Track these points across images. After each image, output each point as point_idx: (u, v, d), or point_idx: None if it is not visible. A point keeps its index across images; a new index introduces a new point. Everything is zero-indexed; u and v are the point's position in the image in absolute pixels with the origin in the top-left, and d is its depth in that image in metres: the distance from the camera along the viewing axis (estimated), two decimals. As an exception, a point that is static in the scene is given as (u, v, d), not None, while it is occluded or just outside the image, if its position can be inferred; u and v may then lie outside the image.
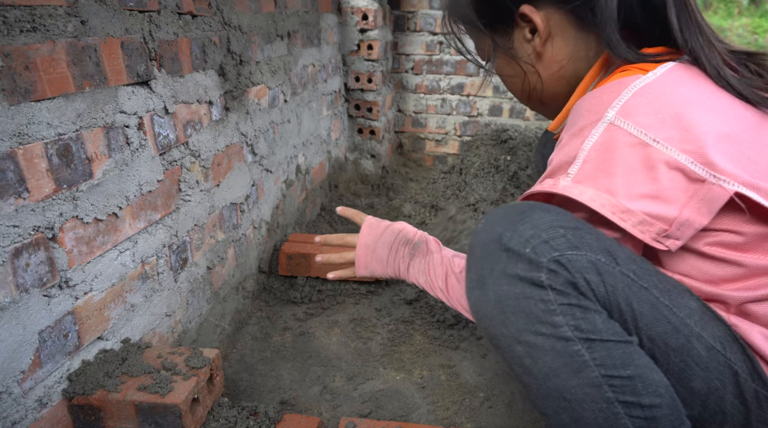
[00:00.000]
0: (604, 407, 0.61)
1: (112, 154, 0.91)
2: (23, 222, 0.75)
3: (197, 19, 1.17)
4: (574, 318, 0.62)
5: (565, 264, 0.62)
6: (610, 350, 0.61)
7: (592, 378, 0.61)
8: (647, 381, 0.61)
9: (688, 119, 0.63)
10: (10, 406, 0.74)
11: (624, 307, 0.63)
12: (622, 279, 0.63)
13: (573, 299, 0.62)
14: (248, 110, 1.43)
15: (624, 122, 0.64)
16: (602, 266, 0.62)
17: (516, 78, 0.87)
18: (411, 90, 2.82)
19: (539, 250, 0.62)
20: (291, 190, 1.81)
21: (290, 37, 1.72)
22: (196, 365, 0.93)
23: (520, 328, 0.63)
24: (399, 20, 2.68)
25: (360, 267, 1.02)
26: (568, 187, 0.66)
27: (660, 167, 0.62)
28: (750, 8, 6.86)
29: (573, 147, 0.67)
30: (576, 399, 0.62)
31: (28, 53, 0.73)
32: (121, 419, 0.86)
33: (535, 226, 0.64)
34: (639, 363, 0.62)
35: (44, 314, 0.79)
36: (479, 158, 2.50)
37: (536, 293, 0.62)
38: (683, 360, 0.63)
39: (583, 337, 0.61)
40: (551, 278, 0.62)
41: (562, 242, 0.63)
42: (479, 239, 0.68)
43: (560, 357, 0.62)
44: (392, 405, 1.14)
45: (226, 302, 1.37)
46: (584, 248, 0.63)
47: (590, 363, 0.61)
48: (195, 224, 1.20)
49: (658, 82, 0.66)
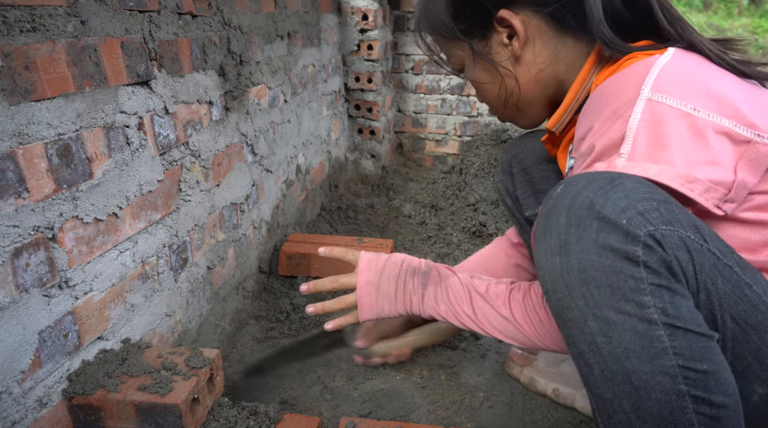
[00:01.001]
0: (674, 399, 0.59)
1: (112, 154, 0.91)
2: (23, 222, 0.75)
3: (197, 19, 1.17)
4: (662, 301, 0.58)
5: (660, 241, 0.58)
6: (691, 341, 0.58)
7: (668, 367, 0.58)
8: (720, 380, 0.59)
9: (716, 89, 0.66)
10: (10, 406, 0.74)
11: (710, 287, 0.60)
12: (710, 258, 0.61)
13: (664, 279, 0.59)
14: (248, 110, 1.43)
15: (662, 96, 0.65)
16: (692, 243, 0.60)
17: (492, 85, 0.87)
18: (411, 90, 2.81)
19: (635, 222, 0.58)
20: (291, 190, 1.81)
21: (290, 37, 1.72)
22: (196, 365, 0.93)
23: (602, 303, 0.59)
24: (399, 20, 2.68)
25: (364, 310, 0.92)
26: (629, 166, 0.64)
27: (708, 132, 0.63)
28: (750, 8, 6.85)
29: (616, 129, 0.66)
30: (645, 386, 0.59)
31: (28, 53, 0.73)
32: (121, 419, 0.86)
33: (629, 196, 0.60)
34: (716, 360, 0.59)
35: (44, 314, 0.79)
36: (479, 158, 2.50)
37: (628, 268, 0.58)
38: (761, 338, 0.61)
39: (668, 322, 0.58)
40: (647, 254, 0.58)
41: (656, 216, 0.59)
42: (563, 204, 0.62)
43: (639, 340, 0.58)
44: (392, 405, 1.14)
45: (226, 302, 1.37)
46: (676, 224, 0.60)
47: (669, 350, 0.58)
48: (195, 224, 1.20)
49: (675, 61, 0.69)
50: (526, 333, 0.84)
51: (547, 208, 0.65)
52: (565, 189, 0.64)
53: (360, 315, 0.94)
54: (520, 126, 0.97)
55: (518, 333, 0.85)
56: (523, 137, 1.18)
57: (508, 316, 0.85)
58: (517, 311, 0.84)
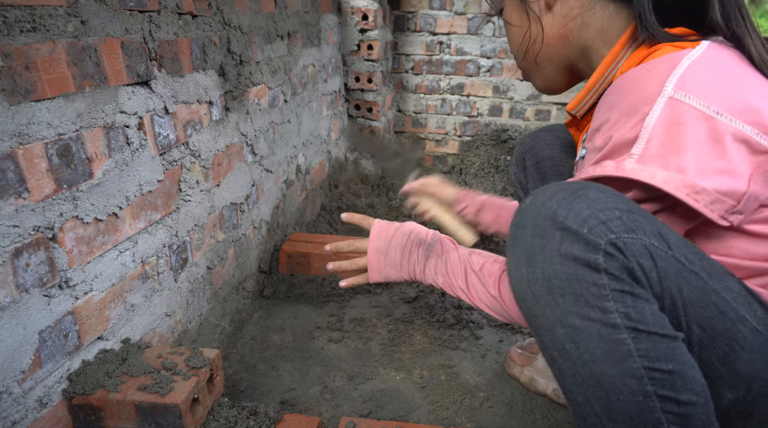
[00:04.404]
0: (641, 400, 0.60)
1: (112, 154, 0.91)
2: (23, 222, 0.75)
3: (197, 19, 1.17)
4: (625, 306, 0.60)
5: (622, 248, 0.59)
6: (655, 342, 0.60)
7: (634, 369, 0.60)
8: (687, 378, 0.60)
9: (745, 91, 0.62)
10: (10, 406, 0.74)
11: (675, 293, 0.61)
12: (674, 264, 0.61)
13: (626, 285, 0.60)
14: (248, 110, 1.43)
15: (685, 95, 0.62)
16: (655, 250, 0.61)
17: (519, 28, 0.85)
18: (411, 90, 2.81)
19: (596, 231, 0.60)
20: (291, 190, 1.81)
21: (290, 37, 1.72)
22: (196, 365, 0.93)
23: (567, 310, 0.61)
24: (399, 20, 2.68)
25: (373, 273, 0.98)
26: (637, 169, 0.63)
27: (727, 139, 0.61)
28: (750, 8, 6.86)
29: (631, 125, 0.65)
30: (613, 388, 0.60)
31: (28, 53, 0.73)
32: (121, 419, 0.86)
33: (591, 205, 0.61)
34: (681, 359, 0.61)
35: (44, 314, 0.79)
36: (479, 158, 2.50)
37: (590, 276, 0.60)
38: (729, 344, 0.62)
39: (631, 326, 0.59)
40: (608, 261, 0.59)
41: (618, 225, 0.60)
42: (529, 215, 0.64)
43: (604, 344, 0.60)
44: (392, 405, 1.14)
45: (226, 302, 1.37)
46: (639, 232, 0.60)
47: (634, 353, 0.59)
48: (195, 224, 1.20)
49: (706, 57, 0.65)
50: (511, 314, 0.86)
51: (516, 219, 0.67)
52: (532, 201, 0.65)
53: (369, 278, 0.99)
54: (535, 85, 0.93)
55: (504, 312, 0.87)
56: (539, 131, 1.19)
57: (496, 295, 0.86)
58: (505, 292, 0.86)
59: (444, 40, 2.68)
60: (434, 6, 2.62)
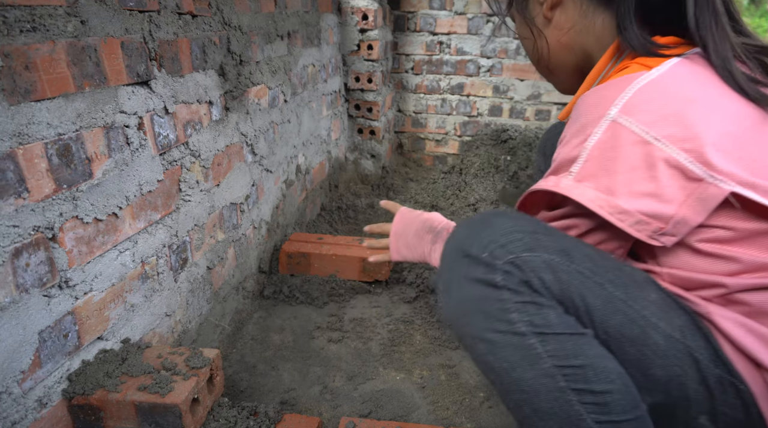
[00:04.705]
0: (558, 396, 0.65)
1: (112, 154, 0.91)
2: (23, 222, 0.75)
3: (197, 19, 1.17)
4: (528, 315, 0.65)
5: (520, 265, 0.65)
6: (561, 342, 0.65)
7: (545, 369, 0.65)
8: (598, 369, 0.64)
9: (690, 118, 0.63)
10: (10, 406, 0.74)
11: (578, 302, 0.66)
12: (576, 276, 0.66)
13: (527, 296, 0.65)
14: (248, 110, 1.43)
15: (627, 119, 0.64)
16: (556, 265, 0.66)
17: (528, 41, 0.88)
18: (411, 90, 2.81)
19: (496, 254, 0.66)
20: (291, 190, 1.81)
21: (290, 37, 1.72)
22: (196, 365, 0.93)
23: (481, 327, 0.67)
24: (399, 20, 2.68)
25: (393, 252, 1.08)
26: (570, 187, 0.68)
27: (660, 165, 0.63)
28: (750, 8, 6.86)
29: (576, 145, 0.68)
30: (533, 390, 0.65)
31: (28, 53, 0.73)
32: (121, 419, 0.86)
33: (494, 232, 0.68)
34: (590, 353, 0.65)
35: (44, 314, 0.79)
36: (479, 158, 2.50)
37: (493, 293, 0.66)
38: (640, 350, 0.66)
39: (536, 331, 0.65)
40: (506, 278, 0.65)
41: (518, 245, 0.66)
42: (446, 249, 0.72)
43: (517, 352, 0.65)
44: (392, 405, 1.14)
45: (226, 302, 1.37)
46: (539, 250, 0.66)
47: (543, 355, 0.64)
48: (195, 224, 1.20)
49: (661, 79, 0.66)
50: None
51: (441, 253, 0.74)
52: (451, 235, 0.73)
53: (391, 256, 1.10)
54: (557, 89, 0.96)
55: None
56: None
57: None
58: None
59: (444, 40, 2.68)
60: (434, 6, 2.62)
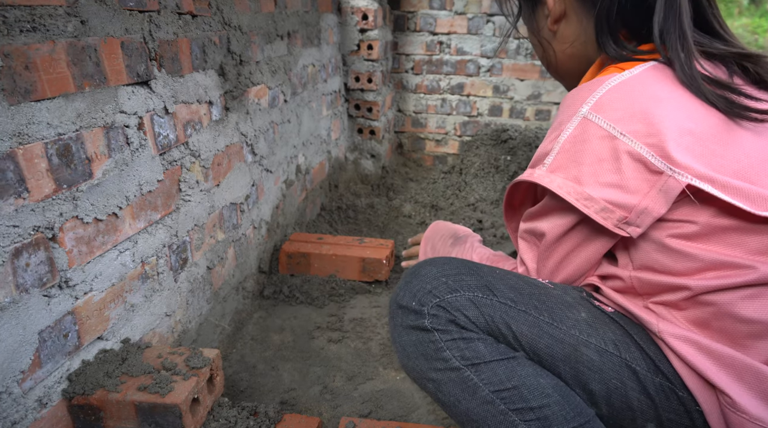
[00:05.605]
0: (502, 419, 0.70)
1: (112, 154, 0.91)
2: (23, 222, 0.75)
3: (197, 19, 1.17)
4: (459, 350, 0.71)
5: (445, 306, 0.72)
6: (493, 368, 0.70)
7: (484, 397, 0.70)
8: (532, 387, 0.69)
9: (655, 115, 0.67)
10: (10, 406, 0.74)
11: (505, 330, 0.71)
12: (500, 308, 0.72)
13: (455, 334, 0.71)
14: (248, 110, 1.43)
15: (596, 116, 0.69)
16: (479, 300, 0.72)
17: (538, 48, 0.93)
18: (411, 90, 2.81)
19: (423, 300, 0.73)
20: (291, 190, 1.81)
21: (290, 37, 1.72)
22: (196, 365, 0.93)
23: (424, 368, 0.74)
24: (399, 20, 2.68)
25: (421, 253, 1.15)
26: (541, 176, 0.73)
27: (624, 158, 0.67)
28: (750, 8, 6.85)
29: (551, 140, 0.74)
30: (480, 418, 0.71)
31: (28, 53, 0.73)
32: (121, 419, 0.86)
33: (422, 281, 0.75)
34: (522, 374, 0.70)
35: (44, 314, 0.79)
36: (479, 158, 2.50)
37: (425, 336, 0.72)
38: (573, 368, 0.70)
39: (469, 363, 0.71)
40: (433, 321, 0.72)
41: (443, 289, 0.73)
42: (389, 303, 0.79)
43: (457, 386, 0.71)
44: (392, 405, 1.14)
45: (226, 302, 1.37)
46: (463, 290, 0.72)
47: (480, 383, 0.70)
48: (195, 224, 1.20)
49: (631, 81, 0.70)
50: None
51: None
52: (394, 291, 0.79)
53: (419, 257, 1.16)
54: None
55: None
56: None
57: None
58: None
59: (444, 39, 2.68)
60: (434, 6, 2.62)
